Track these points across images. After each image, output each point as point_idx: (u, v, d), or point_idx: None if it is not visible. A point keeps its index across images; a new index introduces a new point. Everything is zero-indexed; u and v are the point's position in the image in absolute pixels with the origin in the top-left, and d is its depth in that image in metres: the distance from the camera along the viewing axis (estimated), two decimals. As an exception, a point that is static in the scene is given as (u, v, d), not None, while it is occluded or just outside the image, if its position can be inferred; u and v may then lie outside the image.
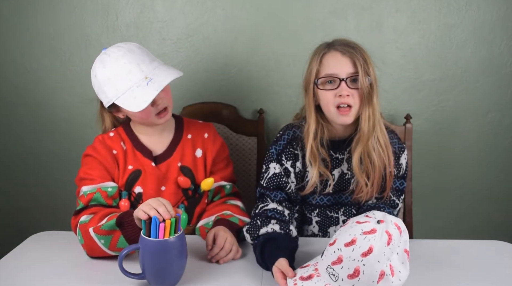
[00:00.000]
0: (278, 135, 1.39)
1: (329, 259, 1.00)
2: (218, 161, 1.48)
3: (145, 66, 1.29)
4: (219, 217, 1.36)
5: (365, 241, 0.95)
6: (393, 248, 0.96)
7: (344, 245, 0.97)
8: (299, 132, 1.35)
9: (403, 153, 1.37)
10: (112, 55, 1.29)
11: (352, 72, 1.25)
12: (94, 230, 1.20)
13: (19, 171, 2.04)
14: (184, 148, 1.44)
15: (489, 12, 1.83)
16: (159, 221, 1.06)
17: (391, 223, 0.98)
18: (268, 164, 1.37)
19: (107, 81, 1.28)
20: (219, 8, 1.86)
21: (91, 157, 1.36)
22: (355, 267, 0.95)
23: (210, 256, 1.23)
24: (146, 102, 1.25)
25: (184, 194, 1.43)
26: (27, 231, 1.48)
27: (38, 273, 1.18)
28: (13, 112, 1.98)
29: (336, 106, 1.26)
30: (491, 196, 1.99)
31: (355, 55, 1.24)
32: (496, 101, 1.91)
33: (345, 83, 1.24)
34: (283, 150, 1.35)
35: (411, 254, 1.27)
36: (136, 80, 1.27)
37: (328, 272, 1.00)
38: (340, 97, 1.24)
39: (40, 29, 1.90)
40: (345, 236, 0.98)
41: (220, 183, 1.47)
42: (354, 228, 0.98)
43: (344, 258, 0.97)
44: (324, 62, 1.27)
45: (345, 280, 0.97)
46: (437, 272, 1.18)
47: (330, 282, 0.99)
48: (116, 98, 1.28)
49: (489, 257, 1.26)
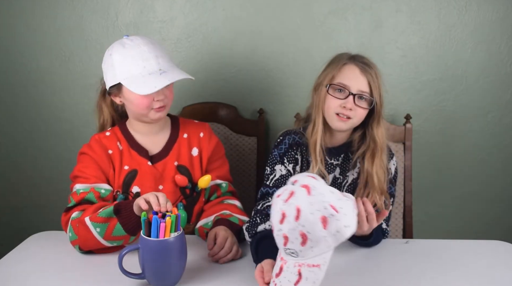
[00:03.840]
0: (279, 140, 1.43)
1: (280, 242, 0.99)
2: (214, 160, 1.48)
3: (162, 60, 1.32)
4: (218, 217, 1.36)
5: (291, 207, 0.96)
6: (317, 193, 0.96)
7: (279, 222, 0.97)
8: (298, 139, 1.41)
9: (392, 159, 1.45)
10: (134, 41, 1.32)
11: (363, 90, 1.32)
12: (91, 218, 1.20)
13: (19, 171, 2.04)
14: (180, 147, 1.44)
15: (489, 12, 1.83)
16: (158, 215, 1.07)
17: (303, 176, 1.00)
18: (273, 166, 1.41)
19: (122, 61, 1.30)
20: (219, 8, 1.86)
21: (87, 155, 1.37)
22: (300, 234, 0.95)
23: (210, 255, 1.23)
24: (155, 88, 1.26)
25: (182, 193, 1.43)
26: (27, 231, 1.47)
27: (38, 273, 1.18)
28: (13, 112, 1.98)
29: (336, 113, 1.33)
30: (491, 196, 1.99)
31: (371, 76, 1.32)
32: (496, 101, 1.91)
33: (352, 98, 1.31)
34: (285, 153, 1.40)
35: (411, 254, 1.28)
36: (150, 68, 1.30)
37: (288, 254, 0.99)
38: (344, 108, 1.32)
39: (40, 29, 1.90)
40: (276, 214, 0.99)
41: (216, 182, 1.47)
42: (277, 202, 0.99)
43: (287, 233, 0.96)
44: (342, 71, 1.34)
45: (302, 249, 0.96)
46: (437, 272, 1.18)
47: (296, 261, 0.98)
48: (124, 79, 1.29)
49: (489, 257, 1.26)
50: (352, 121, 1.34)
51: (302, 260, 0.97)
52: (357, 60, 1.35)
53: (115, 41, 1.35)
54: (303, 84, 1.91)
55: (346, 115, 1.32)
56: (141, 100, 1.31)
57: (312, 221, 0.94)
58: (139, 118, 1.39)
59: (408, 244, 1.33)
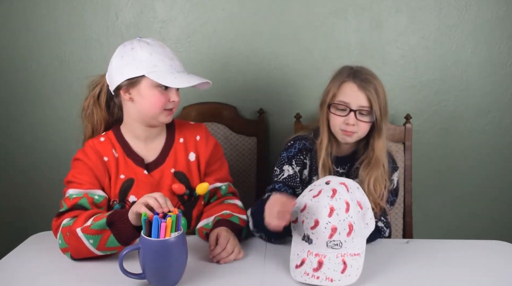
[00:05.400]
0: (289, 144, 1.51)
1: (325, 235, 1.13)
2: (212, 163, 1.45)
3: (181, 64, 1.36)
4: (219, 218, 1.35)
5: (339, 202, 1.13)
6: (353, 190, 1.17)
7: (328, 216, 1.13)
8: (308, 144, 1.49)
9: (396, 172, 1.51)
10: (157, 42, 1.34)
11: (363, 105, 1.38)
12: (83, 230, 1.17)
13: (19, 171, 2.04)
14: (176, 153, 1.41)
15: (489, 12, 1.84)
16: (159, 215, 1.07)
17: (334, 177, 1.21)
18: (281, 167, 1.48)
19: (148, 56, 1.29)
20: (219, 8, 1.86)
21: (81, 162, 1.34)
22: (348, 224, 1.13)
23: (212, 256, 1.22)
24: (189, 83, 1.29)
25: (180, 199, 1.40)
26: (27, 231, 1.47)
27: (38, 273, 1.18)
28: (13, 112, 1.98)
29: (341, 129, 1.40)
30: (491, 195, 1.99)
31: (370, 92, 1.37)
32: (496, 101, 1.91)
33: (353, 114, 1.38)
34: (293, 156, 1.48)
35: (411, 254, 1.28)
36: (177, 67, 1.32)
37: (330, 246, 1.13)
38: (347, 125, 1.39)
39: (40, 29, 1.90)
40: (323, 210, 1.13)
41: (215, 185, 1.44)
42: (322, 198, 1.15)
43: (336, 225, 1.12)
44: (342, 90, 1.40)
45: (347, 240, 1.13)
46: (437, 272, 1.18)
47: (339, 252, 1.13)
48: (151, 73, 1.28)
49: (489, 257, 1.26)
50: (357, 134, 1.41)
51: (345, 250, 1.12)
52: (356, 77, 1.39)
53: (131, 40, 1.34)
54: (303, 84, 1.92)
55: (350, 131, 1.39)
56: (159, 97, 1.30)
57: (357, 213, 1.14)
58: (145, 120, 1.35)
59: (408, 244, 1.33)
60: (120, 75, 1.31)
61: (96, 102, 1.40)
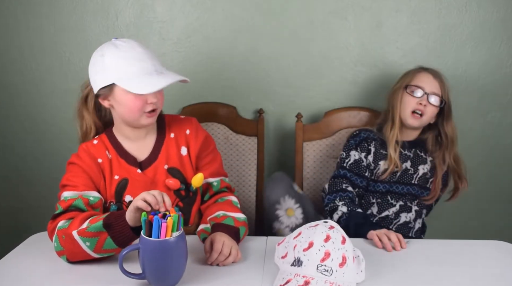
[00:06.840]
0: (355, 133, 1.70)
1: (317, 258, 1.08)
2: (203, 156, 1.43)
3: (157, 63, 1.29)
4: (213, 222, 1.33)
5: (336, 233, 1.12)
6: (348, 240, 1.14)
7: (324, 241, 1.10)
8: (373, 135, 1.68)
9: None
10: (127, 43, 1.28)
11: (435, 92, 1.60)
12: (79, 233, 1.16)
13: (19, 171, 2.04)
14: (168, 149, 1.40)
15: (489, 12, 1.84)
16: (159, 215, 1.06)
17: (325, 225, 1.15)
18: (348, 152, 1.67)
19: (116, 62, 1.26)
20: (219, 8, 1.87)
21: (75, 165, 1.33)
22: (342, 255, 1.09)
23: (209, 262, 1.21)
24: (154, 87, 1.23)
25: (177, 196, 1.39)
26: (27, 231, 1.47)
27: (38, 273, 1.18)
28: (13, 112, 1.98)
29: (412, 110, 1.60)
30: (491, 195, 1.99)
31: (443, 82, 1.62)
32: (496, 101, 1.91)
33: (426, 96, 1.59)
34: (359, 143, 1.66)
35: (411, 253, 1.28)
36: (147, 69, 1.26)
37: (320, 271, 1.07)
38: (420, 105, 1.59)
39: (40, 29, 1.90)
40: (319, 235, 1.11)
41: (207, 180, 1.43)
42: (320, 227, 1.13)
43: (331, 251, 1.08)
44: (418, 76, 1.63)
45: (338, 270, 1.08)
46: (437, 271, 1.18)
47: (328, 279, 1.07)
48: (119, 79, 1.25)
49: (489, 257, 1.26)
50: (423, 119, 1.60)
51: (334, 279, 1.07)
52: (429, 70, 1.63)
53: (104, 44, 1.31)
54: (303, 84, 1.92)
55: (420, 112, 1.59)
56: (134, 102, 1.27)
57: (352, 251, 1.12)
58: (128, 123, 1.34)
59: (408, 244, 1.33)
60: (94, 83, 1.31)
61: (84, 105, 1.39)
